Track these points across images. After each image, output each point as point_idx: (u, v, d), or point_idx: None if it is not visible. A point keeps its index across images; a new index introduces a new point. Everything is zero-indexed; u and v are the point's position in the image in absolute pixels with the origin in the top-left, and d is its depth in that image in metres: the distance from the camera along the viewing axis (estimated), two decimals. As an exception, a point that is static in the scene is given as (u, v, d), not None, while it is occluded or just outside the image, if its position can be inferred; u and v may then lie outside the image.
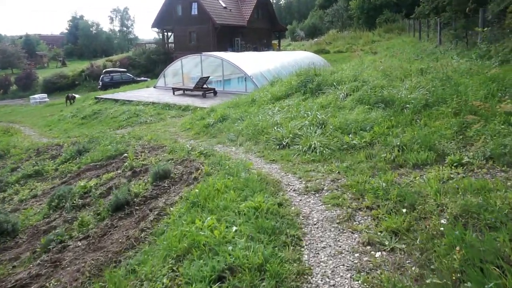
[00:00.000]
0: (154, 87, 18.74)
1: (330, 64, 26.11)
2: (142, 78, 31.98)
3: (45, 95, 28.83)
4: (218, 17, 36.99)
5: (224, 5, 39.08)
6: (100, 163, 7.00)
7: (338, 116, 7.00)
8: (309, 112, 7.40)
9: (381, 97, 7.34)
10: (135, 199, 4.98)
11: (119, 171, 6.31)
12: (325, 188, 4.49)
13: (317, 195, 4.34)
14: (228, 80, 16.89)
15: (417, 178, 4.37)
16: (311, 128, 6.62)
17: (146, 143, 8.31)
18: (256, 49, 38.22)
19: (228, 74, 16.72)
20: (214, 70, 17.56)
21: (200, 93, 15.19)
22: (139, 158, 6.90)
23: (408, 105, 6.71)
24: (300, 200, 4.24)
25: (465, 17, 16.24)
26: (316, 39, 49.13)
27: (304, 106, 8.13)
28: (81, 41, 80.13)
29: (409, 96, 7.00)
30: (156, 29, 41.03)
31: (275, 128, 7.11)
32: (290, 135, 6.54)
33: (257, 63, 17.16)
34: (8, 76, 38.27)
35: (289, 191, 4.52)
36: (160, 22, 39.83)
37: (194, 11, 37.95)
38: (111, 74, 31.57)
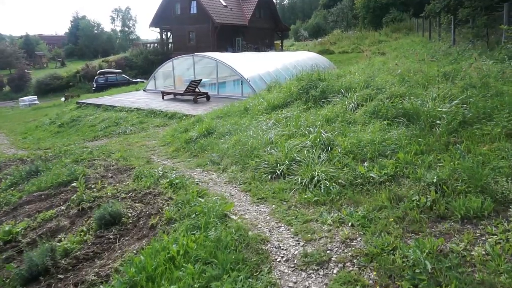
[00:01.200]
0: (143, 90, 17.29)
1: (335, 66, 24.63)
2: (139, 80, 30.64)
3: (35, 97, 27.47)
4: (218, 16, 35.53)
5: (224, 3, 37.61)
6: (47, 192, 5.54)
7: (348, 134, 5.49)
8: (311, 129, 5.88)
9: (402, 110, 5.82)
10: (62, 260, 3.50)
11: (62, 207, 4.84)
12: (333, 258, 2.99)
13: (321, 272, 2.82)
14: (223, 83, 15.41)
15: (475, 248, 2.85)
16: (314, 151, 5.11)
17: (113, 162, 6.84)
18: (257, 49, 36.71)
19: (224, 77, 15.24)
20: (210, 72, 16.09)
21: (191, 97, 13.72)
22: (96, 186, 5.43)
23: (438, 122, 5.19)
24: (295, 284, 2.73)
25: (485, 14, 14.66)
26: (320, 39, 47.64)
27: (305, 118, 6.62)
28: (82, 41, 79.14)
29: (438, 109, 5.48)
30: (154, 29, 39.63)
31: (268, 148, 5.61)
32: (287, 161, 5.03)
33: (256, 65, 15.67)
34: (1, 76, 37.02)
35: (279, 262, 3.01)
36: (159, 21, 38.42)
37: (193, 9, 36.52)
38: (105, 76, 30.26)
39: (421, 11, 34.16)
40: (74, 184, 5.37)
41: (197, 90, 14.02)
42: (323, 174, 4.44)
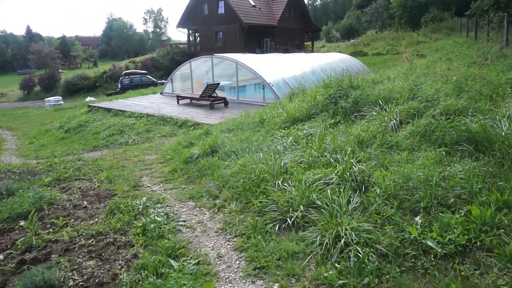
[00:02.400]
0: (160, 93, 16.30)
1: (369, 69, 22.75)
2: (164, 81, 30.04)
3: (59, 97, 27.38)
4: (246, 16, 34.38)
5: (253, 3, 36.41)
6: None
7: (390, 166, 3.98)
8: (338, 155, 4.41)
9: (466, 133, 4.23)
10: None
11: (0, 256, 3.67)
12: None
13: None
14: (243, 87, 14.10)
15: None
16: (341, 191, 3.65)
17: (96, 185, 5.66)
18: (287, 50, 35.19)
19: (245, 80, 13.94)
20: (230, 75, 14.84)
21: (207, 103, 12.51)
22: (57, 223, 4.24)
23: (525, 154, 3.59)
24: None
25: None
26: (353, 40, 45.50)
27: (332, 138, 5.14)
28: (115, 42, 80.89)
29: (521, 134, 3.86)
30: (181, 29, 39.06)
31: (280, 181, 4.20)
32: (303, 204, 3.61)
33: (281, 67, 14.26)
34: (33, 76, 37.66)
35: None
36: (186, 22, 37.80)
37: (221, 9, 35.59)
38: (130, 76, 29.93)
39: (465, 10, 31.47)
40: (22, 224, 4.18)
41: (214, 94, 12.79)
42: (353, 234, 2.98)
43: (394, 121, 5.19)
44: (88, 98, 26.13)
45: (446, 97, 5.52)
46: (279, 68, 14.26)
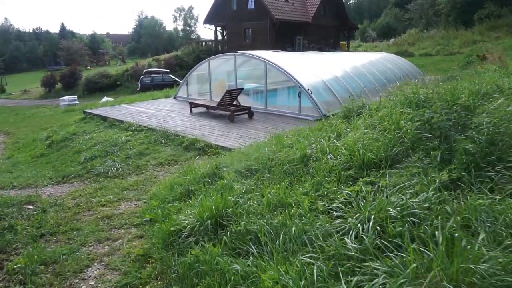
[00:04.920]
0: (174, 97, 13.73)
1: (422, 72, 19.31)
2: (186, 81, 27.77)
3: (75, 97, 25.56)
4: (277, 12, 31.51)
5: (285, -3, 33.49)
6: None
7: None
8: None
9: None
10: None
11: None
12: None
13: None
14: (273, 92, 11.28)
15: None
16: None
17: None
18: (320, 49, 32.00)
19: (274, 83, 11.12)
20: (258, 77, 12.06)
21: (227, 113, 9.77)
22: None
23: None
24: None
25: None
26: (393, 39, 41.70)
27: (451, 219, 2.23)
28: (144, 39, 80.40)
29: None
30: (208, 26, 36.73)
31: None
32: None
33: (319, 68, 11.35)
34: (54, 73, 36.42)
35: None
36: (213, 18, 35.42)
37: (251, 4, 32.90)
38: (151, 75, 27.97)
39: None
40: None
41: (235, 102, 10.03)
42: None
43: None
44: (105, 99, 24.08)
45: None
46: (317, 69, 11.34)
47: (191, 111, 10.73)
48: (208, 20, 35.71)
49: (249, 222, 3.19)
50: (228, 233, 3.17)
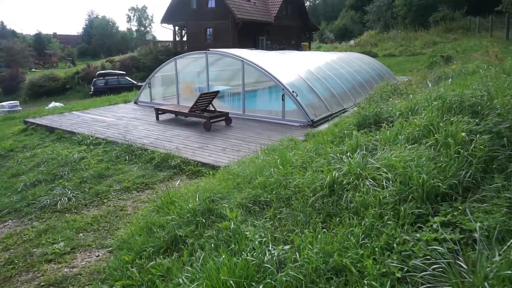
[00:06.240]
0: (135, 102, 12.11)
1: (391, 72, 19.06)
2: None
3: (16, 102, 22.68)
4: (240, 11, 30.39)
5: (247, -4, 32.47)
6: None
7: None
8: None
9: None
10: None
11: None
12: None
13: None
14: (252, 94, 10.09)
15: None
16: None
17: None
18: (283, 49, 31.27)
19: (252, 84, 9.94)
20: (230, 78, 10.83)
21: (202, 120, 8.43)
22: None
23: None
24: None
25: None
26: (353, 40, 42.20)
27: None
28: (95, 40, 75.80)
29: None
30: (166, 25, 34.76)
31: None
32: None
33: (298, 67, 10.32)
34: (-8, 77, 32.62)
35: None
36: (172, 17, 33.53)
37: (212, 3, 31.50)
38: (105, 78, 25.72)
39: (479, 9, 28.28)
40: None
41: (210, 107, 8.71)
42: None
43: None
44: (52, 104, 21.53)
45: None
46: (297, 68, 10.32)
47: (157, 118, 9.24)
48: (166, 19, 33.77)
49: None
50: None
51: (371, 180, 3.17)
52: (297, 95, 8.47)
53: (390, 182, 3.03)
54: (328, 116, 8.99)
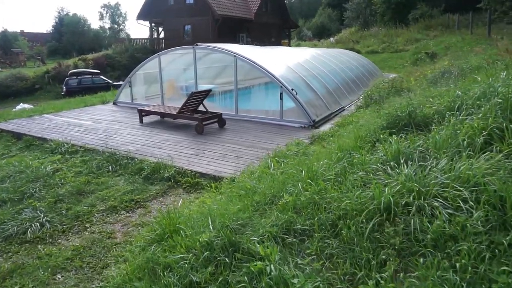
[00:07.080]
0: (114, 103, 11.06)
1: (378, 69, 18.73)
2: (121, 82, 24.53)
3: (-21, 105, 21.04)
4: (219, 7, 29.43)
5: (227, -8, 31.53)
6: None
7: None
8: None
9: None
10: None
11: None
12: None
13: None
14: (246, 91, 9.31)
15: None
16: None
17: None
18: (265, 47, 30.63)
19: (245, 81, 9.16)
20: (216, 75, 10.01)
21: (193, 122, 7.57)
22: None
23: None
24: None
25: None
26: (333, 37, 42.05)
27: None
28: (66, 38, 72.64)
29: None
30: (142, 22, 33.33)
31: None
32: None
33: (292, 63, 9.61)
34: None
35: None
36: (148, 13, 32.16)
37: (190, -1, 30.38)
38: (78, 77, 24.29)
39: (457, 6, 28.70)
40: None
41: (201, 108, 7.86)
42: None
43: None
44: (20, 106, 19.95)
45: None
46: (291, 63, 9.61)
47: (141, 121, 8.30)
48: (142, 16, 32.37)
49: None
50: None
51: (441, 201, 2.47)
52: (296, 93, 7.75)
53: (471, 203, 2.34)
54: (328, 116, 8.33)
